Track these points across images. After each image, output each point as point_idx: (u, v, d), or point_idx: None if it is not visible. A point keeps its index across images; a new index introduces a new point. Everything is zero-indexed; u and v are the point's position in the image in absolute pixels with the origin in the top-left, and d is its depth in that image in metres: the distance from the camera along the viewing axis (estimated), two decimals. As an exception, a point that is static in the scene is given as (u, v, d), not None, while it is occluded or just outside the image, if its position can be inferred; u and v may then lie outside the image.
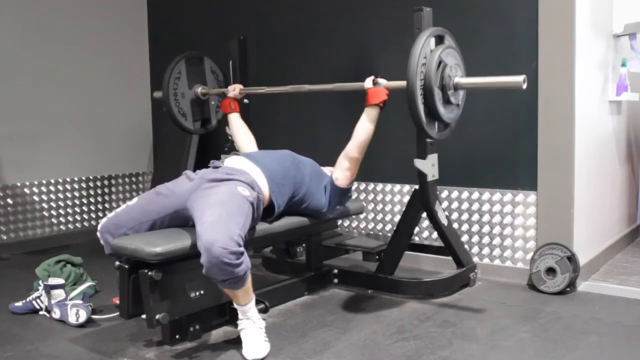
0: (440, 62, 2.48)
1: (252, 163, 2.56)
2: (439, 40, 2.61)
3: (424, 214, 2.90)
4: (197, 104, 3.66)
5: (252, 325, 2.24)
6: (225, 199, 2.23)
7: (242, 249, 2.06)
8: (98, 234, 2.39)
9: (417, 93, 2.41)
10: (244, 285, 2.13)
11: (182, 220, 2.38)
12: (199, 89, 3.64)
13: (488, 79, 2.55)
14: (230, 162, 2.60)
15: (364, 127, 2.66)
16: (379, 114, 2.67)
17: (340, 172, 2.73)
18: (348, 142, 2.74)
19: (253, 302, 2.25)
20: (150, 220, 2.37)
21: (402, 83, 2.49)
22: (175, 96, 3.55)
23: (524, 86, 2.37)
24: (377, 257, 2.98)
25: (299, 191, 2.67)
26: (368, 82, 2.68)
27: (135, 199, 2.46)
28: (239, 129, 3.21)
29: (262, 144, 3.19)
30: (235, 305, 2.23)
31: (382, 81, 2.66)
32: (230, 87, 3.35)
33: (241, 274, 2.06)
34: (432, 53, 2.48)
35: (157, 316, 2.13)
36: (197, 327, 2.31)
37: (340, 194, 2.78)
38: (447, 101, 2.54)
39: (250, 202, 2.31)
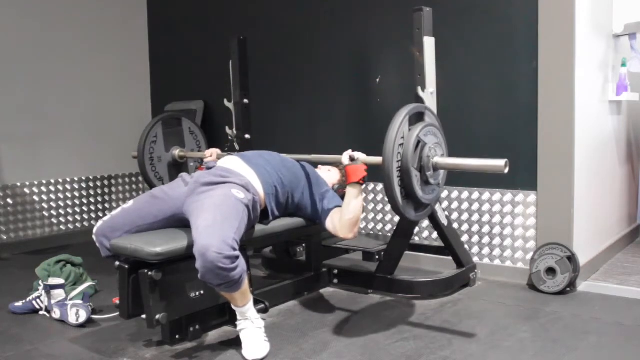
0: (418, 142, 2.39)
1: (246, 165, 2.53)
2: (419, 117, 2.53)
3: (424, 214, 2.90)
4: (174, 166, 3.59)
5: (251, 326, 2.23)
6: (220, 203, 2.22)
7: (237, 252, 2.05)
8: (94, 237, 2.37)
9: (393, 175, 2.32)
10: (241, 287, 2.13)
11: (179, 224, 2.37)
12: (177, 152, 3.60)
13: (469, 161, 2.44)
14: (224, 162, 2.58)
15: (352, 206, 2.52)
16: (361, 189, 2.55)
17: (332, 229, 2.59)
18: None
19: (251, 302, 2.25)
20: (147, 223, 2.36)
21: (379, 159, 2.39)
22: (152, 160, 3.50)
23: (506, 171, 2.27)
24: (377, 257, 2.98)
25: (294, 196, 2.63)
26: (345, 158, 2.54)
27: (130, 202, 2.44)
28: None
29: (262, 144, 3.19)
30: (233, 307, 2.23)
31: (359, 156, 2.52)
32: (208, 152, 3.21)
33: (236, 278, 2.06)
34: (411, 132, 2.39)
35: (157, 316, 2.13)
36: (197, 327, 2.31)
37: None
38: (425, 182, 2.44)
39: (245, 204, 2.30)
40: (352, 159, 2.52)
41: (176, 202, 2.37)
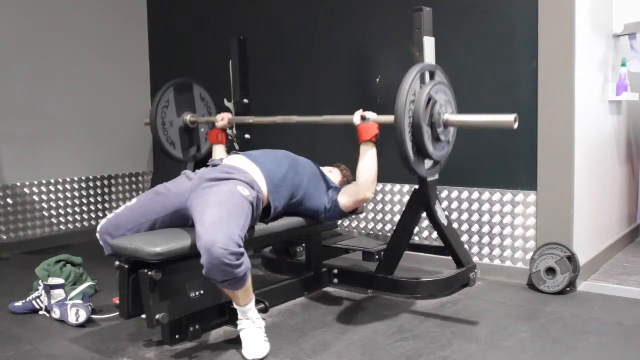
0: (430, 99, 2.43)
1: (251, 162, 2.55)
2: (431, 76, 2.57)
3: (424, 214, 2.90)
4: (186, 132, 3.62)
5: (252, 326, 2.23)
6: (226, 199, 2.23)
7: (242, 249, 2.06)
8: (97, 235, 2.38)
9: (405, 131, 2.36)
10: (244, 285, 2.13)
11: (182, 220, 2.38)
12: (188, 117, 3.62)
13: (479, 117, 2.49)
14: (229, 160, 2.60)
15: (366, 165, 2.57)
16: (375, 148, 2.58)
17: (347, 199, 2.68)
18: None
19: (253, 302, 2.25)
20: (150, 220, 2.37)
21: (390, 118, 2.43)
22: (164, 125, 3.52)
23: (515, 126, 2.31)
24: (377, 257, 2.98)
25: (297, 193, 2.66)
26: (357, 119, 2.59)
27: (134, 200, 2.45)
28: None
29: (262, 144, 3.19)
30: (235, 306, 2.23)
31: (370, 115, 2.58)
32: (219, 117, 3.28)
33: (241, 275, 2.06)
34: (422, 90, 2.44)
35: (157, 316, 2.13)
36: (197, 327, 2.31)
37: (341, 214, 2.77)
38: (436, 139, 2.49)
39: (250, 201, 2.31)
40: (363, 119, 2.58)
41: (179, 198, 2.38)
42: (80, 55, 4.40)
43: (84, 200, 4.50)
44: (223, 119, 3.25)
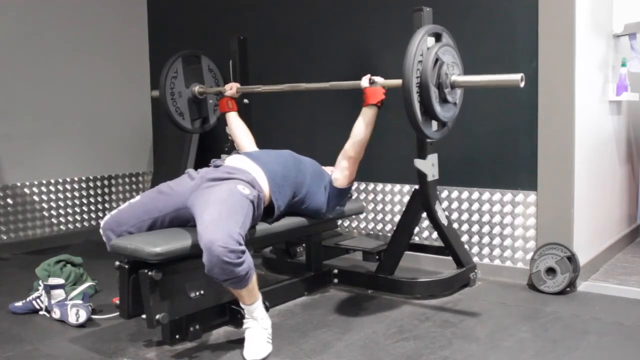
0: (437, 60, 2.46)
1: (253, 162, 2.56)
2: (437, 38, 2.60)
3: (424, 214, 2.90)
4: (194, 103, 3.63)
5: (256, 325, 2.23)
6: (225, 198, 2.23)
7: (242, 247, 2.06)
8: (100, 230, 2.40)
9: (412, 91, 2.38)
10: (248, 284, 2.13)
11: (184, 219, 2.39)
12: (196, 88, 3.62)
13: (485, 77, 2.52)
14: (231, 161, 2.61)
15: (362, 127, 2.65)
16: (377, 114, 2.65)
17: (339, 172, 2.74)
18: (347, 141, 2.74)
19: (259, 301, 2.25)
20: (152, 218, 2.38)
21: (398, 81, 2.46)
22: (172, 95, 3.53)
23: (522, 84, 2.36)
24: (377, 257, 2.98)
25: (300, 192, 2.67)
26: (364, 81, 2.65)
27: (137, 197, 2.48)
28: (237, 128, 3.20)
29: (262, 144, 3.19)
30: (241, 304, 2.23)
31: (378, 80, 2.64)
32: (227, 86, 3.34)
33: (243, 274, 2.06)
34: (429, 50, 2.46)
35: (157, 316, 2.13)
36: (197, 327, 2.31)
37: (339, 195, 2.78)
38: (443, 100, 2.51)
39: (251, 200, 2.32)
40: (371, 82, 2.62)
41: (181, 196, 2.39)
42: (80, 55, 4.40)
43: (84, 200, 4.50)
44: (232, 88, 3.30)
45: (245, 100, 3.52)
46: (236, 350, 2.25)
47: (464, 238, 3.26)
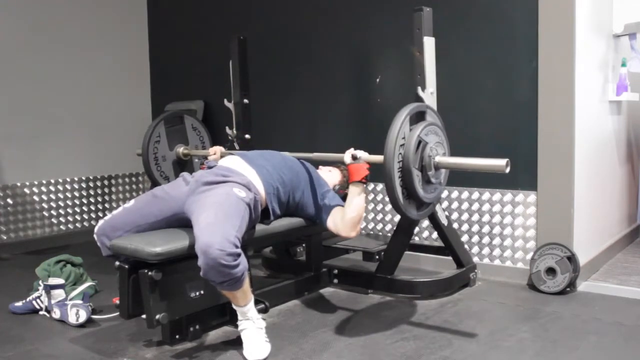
0: (419, 142, 2.40)
1: (247, 164, 2.53)
2: (421, 116, 2.54)
3: (424, 214, 2.90)
4: (179, 164, 3.63)
5: (252, 326, 2.23)
6: (222, 201, 2.22)
7: (238, 250, 2.06)
8: (95, 236, 2.38)
9: (394, 175, 2.33)
10: (242, 286, 2.13)
11: (180, 224, 2.37)
12: (181, 149, 3.62)
13: (470, 160, 2.45)
14: (225, 162, 2.58)
15: (354, 204, 2.52)
16: (364, 188, 2.55)
17: (333, 228, 2.60)
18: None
19: (252, 302, 2.25)
20: (148, 223, 2.37)
21: (381, 158, 2.39)
22: (156, 160, 3.53)
23: (507, 170, 2.26)
24: (377, 257, 2.98)
25: (295, 195, 2.64)
26: (347, 158, 2.54)
27: (132, 202, 2.45)
28: None
29: (262, 144, 3.19)
30: (234, 307, 2.23)
31: (361, 155, 2.52)
32: (211, 150, 3.25)
33: (238, 275, 2.06)
34: (412, 132, 2.40)
35: (157, 316, 2.13)
36: (197, 327, 2.31)
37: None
38: (427, 181, 2.46)
39: (247, 203, 2.30)
40: (354, 158, 2.52)
41: (177, 201, 2.37)
42: (80, 55, 4.40)
43: (84, 200, 4.50)
44: (215, 153, 3.21)
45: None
46: (236, 350, 2.25)
47: (464, 238, 3.26)
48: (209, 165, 2.54)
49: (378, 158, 2.45)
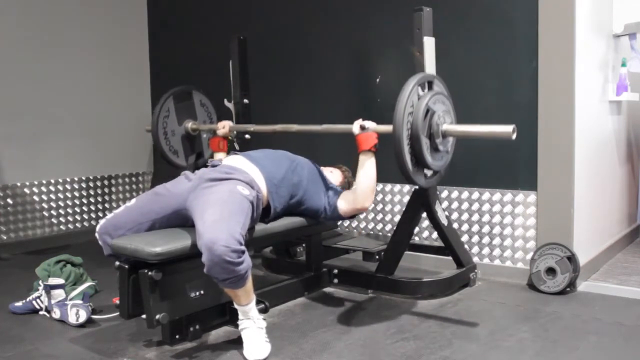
0: (427, 110, 2.43)
1: (250, 163, 2.55)
2: (429, 86, 2.57)
3: (424, 214, 2.90)
4: (187, 139, 3.65)
5: (252, 325, 2.23)
6: (226, 198, 2.23)
7: (243, 247, 2.06)
8: (97, 235, 2.38)
9: (403, 142, 2.37)
10: (245, 284, 2.13)
11: (182, 221, 2.38)
12: (189, 125, 3.64)
13: (478, 127, 2.49)
14: (228, 160, 2.60)
15: (365, 174, 2.57)
16: (374, 157, 2.58)
17: (346, 206, 2.66)
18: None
19: (254, 302, 2.25)
20: (149, 221, 2.37)
21: (389, 127, 2.42)
22: (165, 135, 3.55)
23: (514, 136, 2.31)
24: (377, 257, 2.98)
25: (297, 193, 2.66)
26: (356, 128, 2.58)
27: (133, 200, 2.45)
28: None
29: (262, 144, 3.19)
30: (235, 305, 2.23)
31: (369, 125, 2.57)
32: (220, 124, 3.30)
33: (242, 273, 2.06)
34: (420, 101, 2.44)
35: (157, 316, 2.13)
36: (197, 327, 2.31)
37: (340, 217, 2.75)
38: (435, 149, 2.49)
39: (250, 201, 2.32)
40: (362, 128, 2.57)
41: (178, 198, 2.38)
42: (80, 55, 4.40)
43: (84, 200, 4.50)
44: (224, 127, 3.27)
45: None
46: (236, 350, 2.25)
47: (464, 238, 3.26)
48: (213, 164, 2.55)
49: (387, 128, 2.49)
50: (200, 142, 3.70)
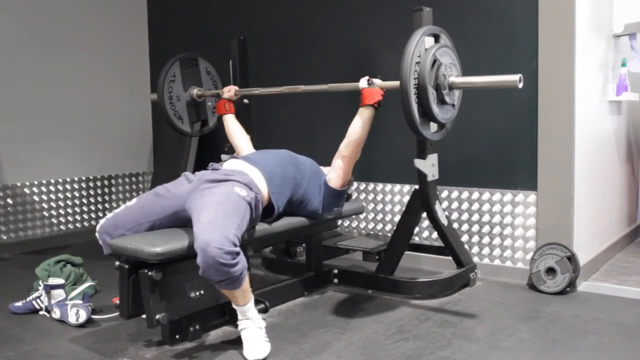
0: (434, 61, 2.45)
1: (250, 165, 2.56)
2: (435, 38, 2.59)
3: (424, 214, 2.90)
4: (193, 106, 3.63)
5: (252, 325, 2.23)
6: (222, 199, 2.23)
7: (237, 249, 2.06)
8: (97, 234, 2.38)
9: (410, 92, 2.38)
10: (241, 285, 2.13)
11: (181, 222, 2.38)
12: (195, 91, 3.62)
13: (483, 78, 2.52)
14: (228, 165, 2.61)
15: (358, 127, 2.65)
16: (373, 114, 2.65)
17: (334, 171, 2.74)
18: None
19: (252, 302, 2.25)
20: (150, 221, 2.37)
21: (396, 83, 2.46)
22: (171, 99, 3.53)
23: (520, 85, 2.34)
24: (377, 257, 2.98)
25: (298, 191, 2.67)
26: (363, 82, 2.67)
27: (134, 200, 2.46)
28: (234, 131, 3.22)
29: (262, 144, 3.19)
30: (234, 306, 2.23)
31: (376, 81, 2.65)
32: (226, 89, 3.35)
33: (237, 274, 2.06)
34: (427, 52, 2.46)
35: (157, 316, 2.13)
36: (197, 327, 2.31)
37: (334, 195, 2.77)
38: (441, 101, 2.50)
39: (248, 202, 2.31)
40: (369, 83, 2.64)
41: (179, 199, 2.38)
42: (80, 55, 4.40)
43: (84, 200, 4.50)
44: (229, 90, 3.31)
45: (245, 101, 3.52)
46: (236, 350, 2.25)
47: (464, 238, 3.26)
48: (213, 167, 2.56)
49: (393, 83, 2.53)
50: (205, 109, 3.69)
